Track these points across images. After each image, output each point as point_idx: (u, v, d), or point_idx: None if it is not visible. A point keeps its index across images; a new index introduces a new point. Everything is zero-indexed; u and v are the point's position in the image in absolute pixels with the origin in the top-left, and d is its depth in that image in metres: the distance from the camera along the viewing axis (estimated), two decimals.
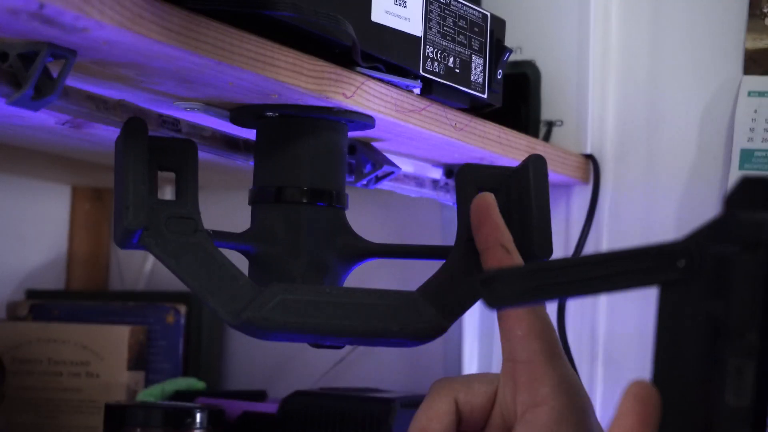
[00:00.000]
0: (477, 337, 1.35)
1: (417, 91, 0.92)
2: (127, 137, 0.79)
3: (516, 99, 1.27)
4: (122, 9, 0.62)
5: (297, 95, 0.80)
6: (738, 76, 1.23)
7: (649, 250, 0.47)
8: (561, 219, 1.29)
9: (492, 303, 0.52)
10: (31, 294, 1.45)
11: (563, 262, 0.51)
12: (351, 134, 0.91)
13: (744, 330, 0.41)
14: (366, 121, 0.88)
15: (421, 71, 0.90)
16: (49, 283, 1.50)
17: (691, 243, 0.45)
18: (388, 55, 0.87)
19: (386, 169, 1.03)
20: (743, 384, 0.41)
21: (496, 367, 1.33)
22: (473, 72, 0.97)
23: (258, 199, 0.88)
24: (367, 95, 0.85)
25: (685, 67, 1.27)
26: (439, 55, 0.92)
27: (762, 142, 1.20)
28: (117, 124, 0.82)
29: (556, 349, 0.68)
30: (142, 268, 1.53)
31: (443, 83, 0.93)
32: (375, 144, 1.03)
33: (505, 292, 0.52)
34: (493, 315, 1.34)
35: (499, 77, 1.00)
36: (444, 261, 0.88)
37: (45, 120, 0.86)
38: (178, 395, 1.26)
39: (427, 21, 0.91)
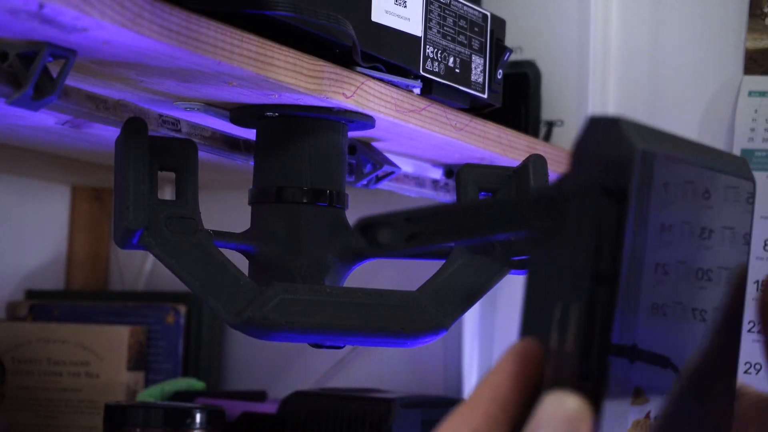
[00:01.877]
0: (477, 337, 1.35)
1: (417, 91, 0.92)
2: (128, 137, 0.79)
3: (516, 99, 1.27)
4: (122, 9, 0.62)
5: (297, 95, 0.80)
6: (738, 76, 1.23)
7: (517, 198, 0.46)
8: None
9: (372, 250, 0.53)
10: (31, 294, 1.45)
11: (434, 209, 0.50)
12: (351, 134, 0.91)
13: (572, 273, 0.41)
14: (366, 121, 0.88)
15: (421, 71, 0.90)
16: (49, 283, 1.50)
17: (553, 191, 0.45)
18: (388, 55, 0.87)
19: (386, 169, 1.03)
20: (569, 329, 0.40)
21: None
22: (473, 72, 0.97)
23: (258, 199, 0.88)
24: (367, 95, 0.85)
25: (685, 67, 1.27)
26: (439, 55, 0.92)
27: (762, 142, 1.20)
28: (117, 124, 0.82)
29: None
30: (142, 268, 1.53)
31: (443, 83, 0.93)
32: (375, 144, 1.03)
33: (384, 239, 0.52)
34: (494, 315, 1.35)
35: (499, 77, 1.00)
36: (444, 261, 0.88)
37: (45, 120, 0.86)
38: (178, 395, 1.26)
39: (427, 21, 0.91)
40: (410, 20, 0.89)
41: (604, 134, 0.42)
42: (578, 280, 0.41)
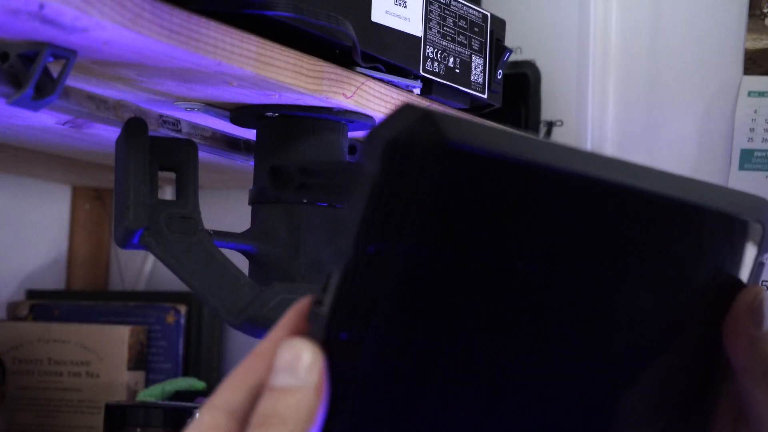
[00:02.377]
0: None
1: (417, 91, 0.92)
2: (128, 137, 0.79)
3: (516, 99, 1.27)
4: (122, 9, 0.62)
5: (297, 95, 0.80)
6: (738, 76, 1.23)
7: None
8: None
9: (270, 192, 0.53)
10: (32, 294, 1.45)
11: (328, 166, 0.50)
12: (351, 134, 0.92)
13: (338, 239, 0.42)
14: (366, 121, 0.89)
15: (421, 71, 0.90)
16: (50, 283, 1.50)
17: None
18: (388, 55, 0.87)
19: None
20: (328, 291, 0.41)
21: None
22: (473, 72, 0.97)
23: (258, 199, 0.88)
24: (367, 95, 0.85)
25: (685, 67, 1.27)
26: (439, 55, 0.92)
27: (762, 142, 1.20)
28: (117, 124, 0.82)
29: None
30: (142, 268, 1.53)
31: (443, 83, 0.93)
32: None
33: (282, 185, 0.52)
34: None
35: (499, 77, 1.00)
36: None
37: (45, 120, 0.86)
38: (178, 395, 1.26)
39: (427, 21, 0.91)
40: (410, 20, 0.89)
41: (405, 120, 0.42)
42: (340, 248, 0.41)
